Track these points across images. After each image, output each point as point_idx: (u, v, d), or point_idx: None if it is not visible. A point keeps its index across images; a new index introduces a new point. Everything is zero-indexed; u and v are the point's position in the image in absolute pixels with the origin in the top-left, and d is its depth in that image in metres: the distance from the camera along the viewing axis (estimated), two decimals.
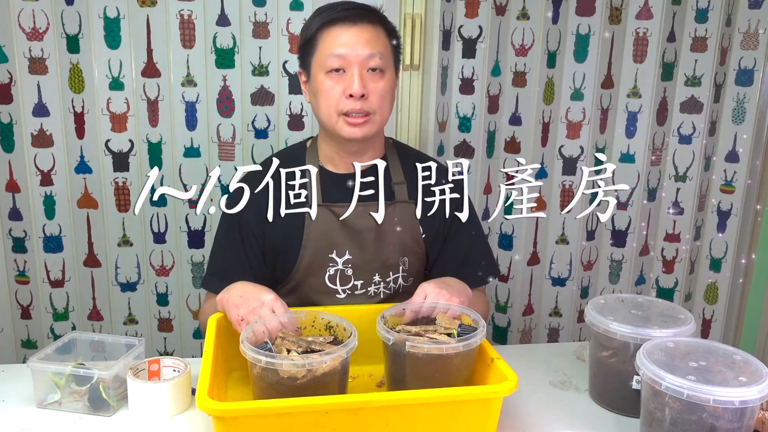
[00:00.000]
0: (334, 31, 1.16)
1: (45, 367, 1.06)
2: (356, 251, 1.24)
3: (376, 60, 1.16)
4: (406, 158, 1.31)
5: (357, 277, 1.25)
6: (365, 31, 1.16)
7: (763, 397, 0.86)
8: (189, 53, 1.68)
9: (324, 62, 1.16)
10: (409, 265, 1.29)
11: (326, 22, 1.17)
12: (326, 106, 1.18)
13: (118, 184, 1.73)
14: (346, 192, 1.18)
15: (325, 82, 1.17)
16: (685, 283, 2.02)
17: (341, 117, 1.18)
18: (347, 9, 1.18)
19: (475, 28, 1.78)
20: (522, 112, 1.85)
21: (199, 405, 0.84)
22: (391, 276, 1.27)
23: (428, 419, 0.90)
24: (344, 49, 1.15)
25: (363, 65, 1.16)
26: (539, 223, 1.94)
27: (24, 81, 1.63)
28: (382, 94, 1.19)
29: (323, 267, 1.24)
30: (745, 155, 1.92)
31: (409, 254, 1.28)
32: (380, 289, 1.27)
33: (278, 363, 0.89)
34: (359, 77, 1.15)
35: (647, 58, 1.83)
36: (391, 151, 1.31)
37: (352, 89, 1.15)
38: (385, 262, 1.25)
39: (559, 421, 1.06)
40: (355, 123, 1.17)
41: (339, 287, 1.25)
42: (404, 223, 1.25)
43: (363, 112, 1.17)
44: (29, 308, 1.79)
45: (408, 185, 1.27)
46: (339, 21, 1.16)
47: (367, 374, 1.13)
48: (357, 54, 1.15)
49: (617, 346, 1.07)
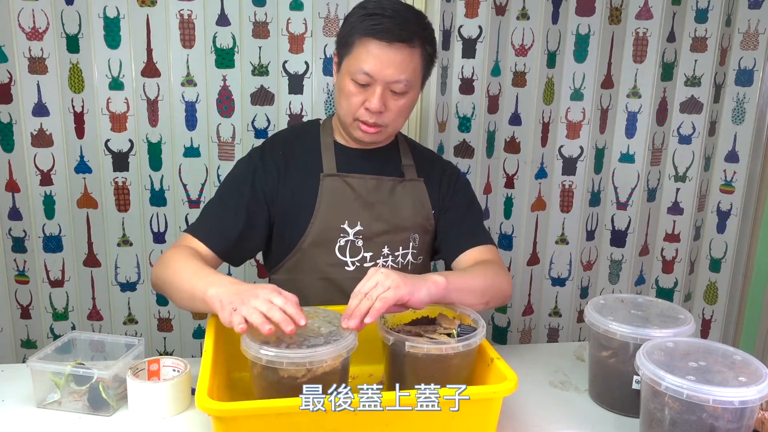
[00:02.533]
0: (369, 44, 1.15)
1: (45, 367, 1.05)
2: (367, 223, 1.26)
3: (401, 86, 1.18)
4: (414, 146, 1.39)
5: (366, 249, 1.27)
6: (399, 53, 1.15)
7: (762, 397, 0.86)
8: (189, 53, 1.68)
9: (353, 72, 1.18)
10: (420, 243, 1.31)
11: (366, 33, 1.15)
12: (345, 107, 1.22)
13: (118, 184, 1.73)
14: (359, 164, 1.28)
15: (349, 85, 1.19)
16: (685, 283, 2.02)
17: (356, 121, 1.22)
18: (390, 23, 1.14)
19: (475, 28, 1.78)
20: (522, 112, 1.85)
21: (198, 405, 0.84)
22: (401, 251, 1.29)
23: (428, 419, 0.90)
24: (373, 70, 1.16)
25: (387, 86, 1.18)
26: (539, 223, 1.94)
27: (24, 81, 1.63)
28: (399, 111, 1.22)
29: (334, 237, 1.25)
30: (745, 155, 1.92)
31: (420, 231, 1.31)
32: (388, 263, 1.29)
33: (278, 362, 0.89)
34: (380, 97, 1.17)
35: (647, 58, 1.83)
36: (402, 138, 1.37)
37: (371, 105, 1.18)
38: (395, 235, 1.28)
39: (559, 421, 1.06)
40: (367, 131, 1.22)
41: (348, 259, 1.26)
42: (414, 198, 1.30)
43: (376, 125, 1.21)
44: (29, 308, 1.79)
45: (417, 167, 1.32)
46: (377, 37, 1.14)
47: (367, 374, 1.13)
48: (383, 76, 1.16)
49: (617, 346, 1.07)
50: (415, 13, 1.20)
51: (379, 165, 1.29)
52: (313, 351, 0.90)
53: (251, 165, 1.28)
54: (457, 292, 1.07)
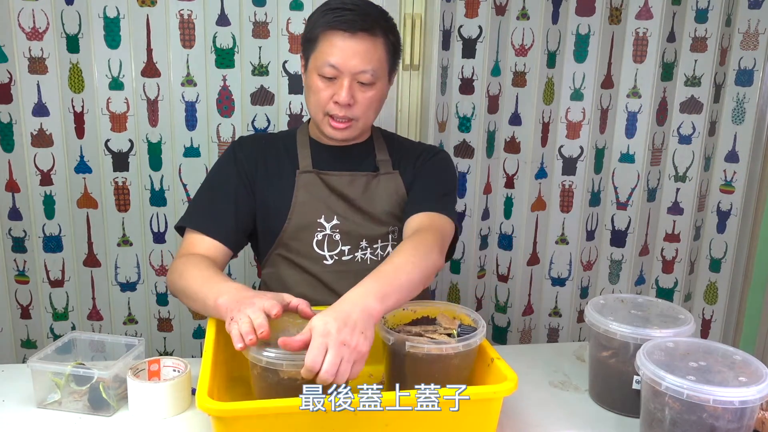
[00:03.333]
0: (333, 37, 1.18)
1: (45, 367, 1.05)
2: (344, 217, 1.27)
3: (367, 76, 1.19)
4: (391, 141, 1.38)
5: (344, 242, 1.28)
6: (363, 43, 1.18)
7: (762, 397, 0.86)
8: (189, 53, 1.68)
9: (319, 66, 1.20)
10: (399, 235, 1.31)
11: (328, 26, 1.18)
12: (315, 103, 1.24)
13: (118, 183, 1.73)
14: (334, 161, 1.30)
15: (317, 82, 1.21)
16: (685, 284, 2.02)
17: (327, 117, 1.23)
18: (352, 15, 1.17)
19: (475, 28, 1.78)
20: (522, 112, 1.85)
21: (199, 405, 0.84)
22: (379, 243, 1.30)
23: (428, 419, 0.90)
24: (339, 61, 1.18)
25: (354, 77, 1.19)
26: (539, 223, 1.94)
27: (24, 81, 1.63)
28: (369, 104, 1.23)
29: (311, 231, 1.27)
30: (745, 155, 1.92)
31: (397, 222, 1.31)
32: (367, 256, 1.29)
33: (278, 363, 0.89)
34: (348, 89, 1.19)
35: (647, 58, 1.83)
36: (377, 135, 1.37)
37: (339, 98, 1.19)
38: (372, 229, 1.29)
39: (559, 421, 1.06)
40: (338, 126, 1.23)
41: (327, 252, 1.28)
42: (390, 191, 1.30)
43: (346, 118, 1.22)
44: (29, 308, 1.79)
45: (393, 160, 1.33)
46: (340, 28, 1.17)
47: (367, 374, 1.13)
48: (349, 67, 1.18)
49: (617, 346, 1.07)
50: (376, 7, 1.23)
51: (354, 162, 1.31)
52: None
53: (232, 154, 1.31)
54: (394, 307, 1.01)
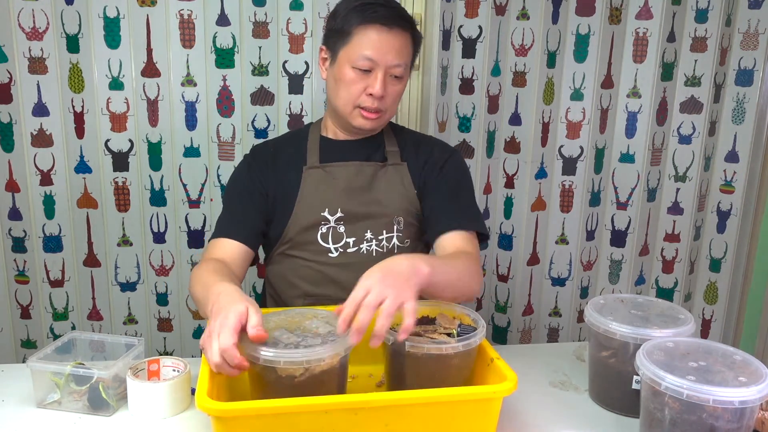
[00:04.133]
0: (370, 32, 1.20)
1: (44, 367, 1.05)
2: (348, 208, 1.28)
3: (400, 69, 1.23)
4: (400, 132, 1.40)
5: (349, 234, 1.28)
6: (398, 38, 1.22)
7: (762, 397, 0.86)
8: (189, 53, 1.68)
9: (354, 59, 1.21)
10: (404, 226, 1.31)
11: (365, 20, 1.20)
12: (346, 96, 1.25)
13: (118, 183, 1.73)
14: (341, 154, 1.32)
15: (349, 74, 1.23)
16: (685, 283, 2.02)
17: (357, 109, 1.25)
18: (386, 11, 1.21)
19: (475, 28, 1.78)
20: (522, 112, 1.85)
21: (198, 405, 0.84)
22: (384, 234, 1.30)
23: (428, 419, 0.89)
24: (375, 54, 1.20)
25: (387, 70, 1.22)
26: (539, 223, 1.94)
27: (24, 81, 1.64)
28: (396, 96, 1.27)
29: (316, 225, 1.28)
30: (745, 155, 1.92)
31: (403, 214, 1.31)
32: (372, 247, 1.29)
33: (276, 361, 0.89)
34: (382, 82, 1.22)
35: (647, 58, 1.83)
36: (387, 127, 1.39)
37: (374, 90, 1.22)
38: (376, 220, 1.29)
39: (559, 421, 1.06)
40: (368, 117, 1.26)
41: (331, 245, 1.29)
42: (396, 182, 1.31)
43: (377, 110, 1.25)
44: (29, 308, 1.79)
45: (401, 152, 1.34)
46: (377, 22, 1.20)
47: (366, 374, 1.13)
48: (385, 60, 1.21)
49: (617, 346, 1.07)
50: (398, 4, 1.28)
51: (363, 153, 1.32)
52: (311, 350, 0.90)
53: (245, 164, 1.36)
54: (433, 287, 1.03)
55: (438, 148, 1.37)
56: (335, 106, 1.28)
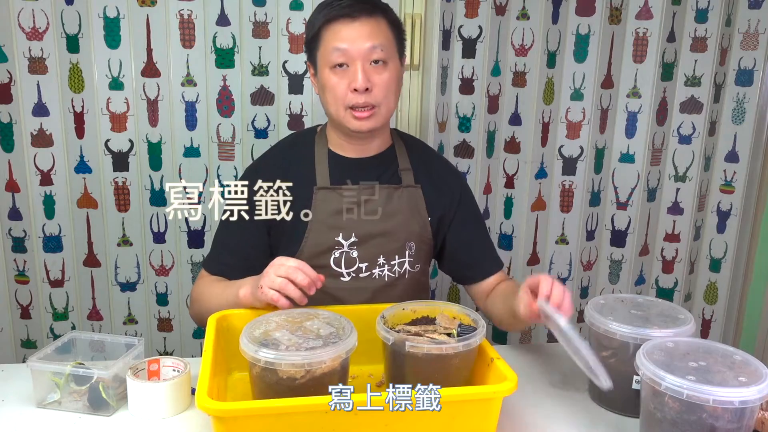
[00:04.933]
0: (335, 26, 1.18)
1: (44, 367, 1.05)
2: (361, 234, 1.25)
3: (378, 52, 1.18)
4: (411, 147, 1.35)
5: (362, 259, 1.26)
6: (366, 24, 1.18)
7: (762, 397, 0.86)
8: (189, 53, 1.68)
9: (328, 58, 1.19)
10: (416, 251, 1.30)
11: (328, 18, 1.19)
12: (333, 100, 1.21)
13: (118, 183, 1.73)
14: (354, 173, 1.26)
15: (330, 77, 1.20)
16: (685, 283, 2.02)
17: (348, 111, 1.20)
18: (348, 4, 1.19)
19: (475, 28, 1.78)
20: (522, 112, 1.85)
21: (198, 405, 0.84)
22: (397, 260, 1.28)
23: (428, 419, 0.90)
24: (346, 44, 1.17)
25: (365, 58, 1.18)
26: (539, 223, 1.94)
27: (24, 81, 1.64)
28: (387, 86, 1.20)
29: (329, 250, 1.25)
30: (745, 155, 1.92)
31: (415, 239, 1.29)
32: (384, 272, 1.28)
33: (277, 363, 0.89)
34: (362, 71, 1.17)
35: (647, 58, 1.83)
36: (398, 140, 1.35)
37: (356, 83, 1.17)
38: (389, 244, 1.27)
39: (559, 421, 1.06)
40: (362, 117, 1.20)
41: (344, 269, 1.26)
42: (410, 206, 1.29)
43: (368, 106, 1.19)
44: (29, 308, 1.79)
45: (414, 172, 1.31)
46: (340, 17, 1.18)
47: (367, 374, 1.13)
48: (358, 48, 1.17)
49: (617, 346, 1.07)
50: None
51: (375, 173, 1.28)
52: (312, 352, 0.90)
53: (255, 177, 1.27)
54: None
55: (451, 176, 1.36)
56: (329, 114, 1.25)
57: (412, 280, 1.30)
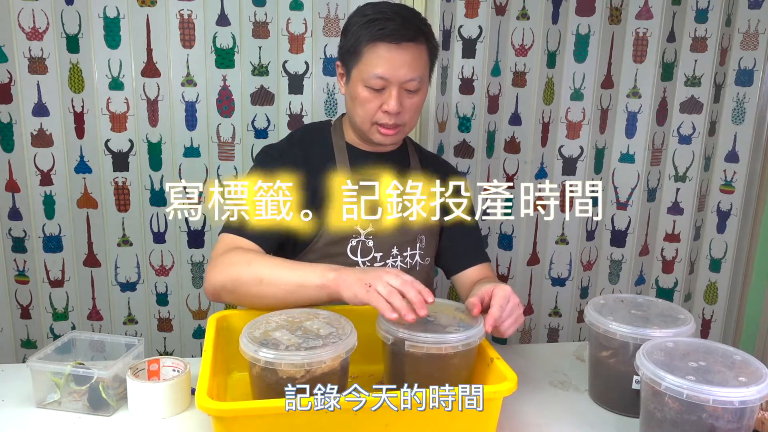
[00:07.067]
0: (378, 49, 1.17)
1: (44, 367, 1.05)
2: (378, 223, 1.26)
3: (415, 83, 1.20)
4: (419, 149, 1.41)
5: (377, 249, 1.27)
6: (408, 52, 1.18)
7: (762, 397, 0.86)
8: (189, 53, 1.68)
9: (365, 78, 1.19)
10: (426, 244, 1.32)
11: (373, 38, 1.17)
12: (362, 114, 1.23)
13: (118, 183, 1.73)
14: (371, 167, 1.28)
15: (364, 92, 1.21)
16: (685, 284, 2.02)
17: (375, 126, 1.24)
18: (394, 25, 1.16)
19: (475, 28, 1.78)
20: (522, 112, 1.85)
21: (198, 405, 0.84)
22: (409, 251, 1.30)
23: (428, 419, 0.90)
24: (386, 73, 1.18)
25: (402, 86, 1.20)
26: (539, 223, 1.94)
27: (24, 81, 1.64)
28: (416, 108, 1.25)
29: (347, 238, 1.26)
30: (745, 155, 1.92)
31: (426, 232, 1.32)
32: (397, 263, 1.29)
33: (277, 363, 0.89)
34: (397, 98, 1.19)
35: (647, 58, 1.83)
36: (410, 143, 1.39)
37: (388, 107, 1.20)
38: (403, 236, 1.29)
39: (559, 421, 1.06)
40: (387, 133, 1.24)
41: (359, 259, 1.27)
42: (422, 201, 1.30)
43: (395, 125, 1.23)
44: (29, 308, 1.79)
45: (423, 171, 1.34)
46: (385, 40, 1.17)
47: (367, 374, 1.13)
48: (397, 77, 1.18)
49: (617, 346, 1.07)
50: (413, 12, 1.24)
51: (390, 167, 1.30)
52: (312, 352, 0.90)
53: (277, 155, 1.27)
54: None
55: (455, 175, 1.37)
56: (354, 122, 1.27)
57: (422, 272, 1.32)
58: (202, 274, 1.83)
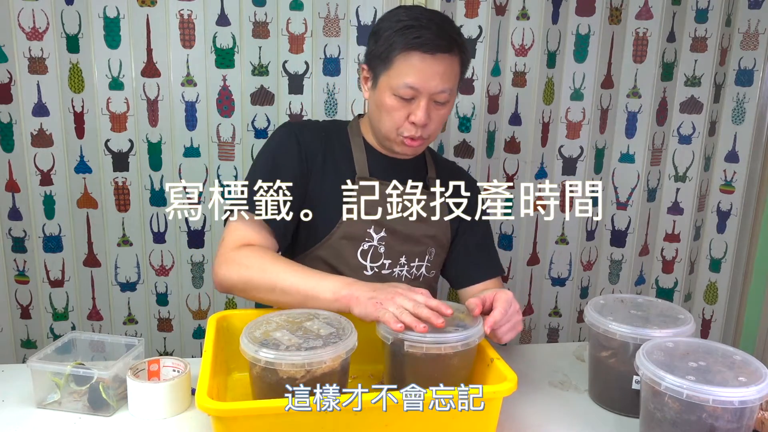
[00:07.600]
0: (411, 58, 1.13)
1: (44, 367, 1.05)
2: (392, 230, 1.25)
3: (445, 95, 1.17)
4: (435, 156, 1.39)
5: (387, 256, 1.26)
6: (441, 63, 1.14)
7: (762, 397, 0.86)
8: (189, 53, 1.68)
9: (395, 86, 1.16)
10: (434, 257, 1.31)
11: (407, 46, 1.13)
12: (388, 122, 1.20)
13: (118, 183, 1.73)
14: (390, 171, 1.26)
15: (391, 100, 1.17)
16: (685, 284, 2.02)
17: (400, 136, 1.21)
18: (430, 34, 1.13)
19: (475, 28, 1.78)
20: (522, 112, 1.85)
21: (198, 405, 0.84)
22: (416, 262, 1.29)
23: (428, 419, 0.90)
24: (418, 83, 1.14)
25: (432, 97, 1.17)
26: (539, 223, 1.94)
27: (24, 81, 1.64)
28: (442, 120, 1.22)
29: (359, 240, 1.24)
30: (745, 155, 1.92)
31: (436, 246, 1.31)
32: (403, 272, 1.28)
33: (277, 363, 0.89)
34: (425, 110, 1.16)
35: (647, 58, 1.83)
36: (428, 152, 1.36)
37: (416, 119, 1.17)
38: (414, 246, 1.28)
39: (559, 421, 1.06)
40: (411, 145, 1.21)
41: (368, 263, 1.26)
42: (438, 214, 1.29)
43: (421, 137, 1.21)
44: (29, 308, 1.79)
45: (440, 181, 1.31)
46: (420, 49, 1.13)
47: (367, 374, 1.13)
48: (428, 88, 1.15)
49: (617, 346, 1.07)
50: (447, 20, 1.20)
51: (408, 173, 1.28)
52: (312, 352, 0.90)
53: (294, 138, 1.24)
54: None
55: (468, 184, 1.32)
56: (377, 129, 1.24)
57: (425, 284, 1.31)
58: (202, 274, 1.83)
